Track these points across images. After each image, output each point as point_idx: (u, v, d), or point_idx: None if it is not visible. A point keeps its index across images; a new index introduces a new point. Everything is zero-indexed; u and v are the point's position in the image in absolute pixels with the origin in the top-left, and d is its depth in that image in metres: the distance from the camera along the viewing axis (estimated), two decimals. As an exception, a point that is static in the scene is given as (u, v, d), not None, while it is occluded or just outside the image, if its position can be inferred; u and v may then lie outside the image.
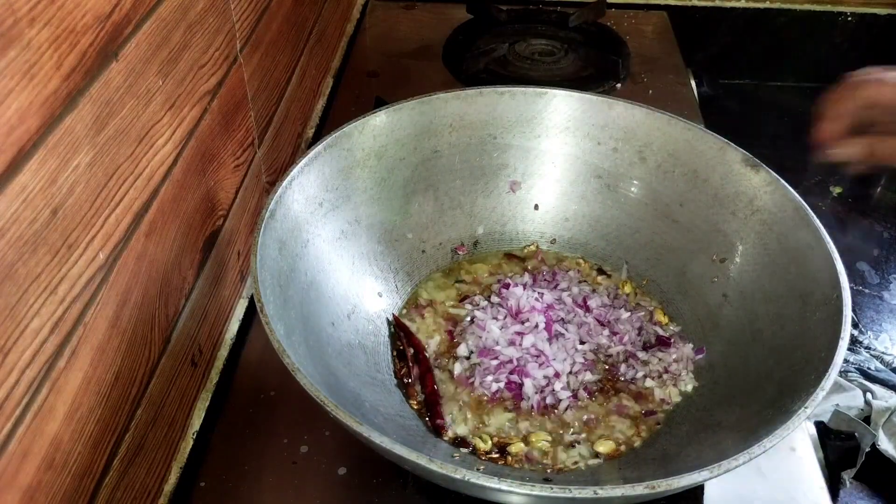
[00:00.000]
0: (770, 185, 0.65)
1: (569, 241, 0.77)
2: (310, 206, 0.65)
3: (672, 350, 0.66)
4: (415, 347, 0.67)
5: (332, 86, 1.07)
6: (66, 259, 0.42)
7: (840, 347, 0.52)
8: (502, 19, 1.19)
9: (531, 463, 0.59)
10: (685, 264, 0.70)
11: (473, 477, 0.44)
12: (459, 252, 0.76)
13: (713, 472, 0.45)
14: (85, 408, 0.46)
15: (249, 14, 0.71)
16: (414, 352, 0.66)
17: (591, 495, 0.43)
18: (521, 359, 0.64)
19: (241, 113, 0.71)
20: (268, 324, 0.51)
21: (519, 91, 0.74)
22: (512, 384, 0.63)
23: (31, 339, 0.39)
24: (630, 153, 0.74)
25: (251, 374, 0.69)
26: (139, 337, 0.53)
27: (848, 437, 0.70)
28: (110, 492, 0.50)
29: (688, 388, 0.64)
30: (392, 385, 0.64)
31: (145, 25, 0.50)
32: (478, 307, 0.70)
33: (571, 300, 0.70)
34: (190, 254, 0.61)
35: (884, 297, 0.96)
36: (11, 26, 0.36)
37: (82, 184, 0.43)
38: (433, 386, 0.64)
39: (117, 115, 0.47)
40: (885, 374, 0.86)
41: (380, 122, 0.71)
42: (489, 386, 0.63)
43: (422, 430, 0.61)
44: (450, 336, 0.69)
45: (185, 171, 0.59)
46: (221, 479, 0.61)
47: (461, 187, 0.76)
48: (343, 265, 0.69)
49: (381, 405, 0.61)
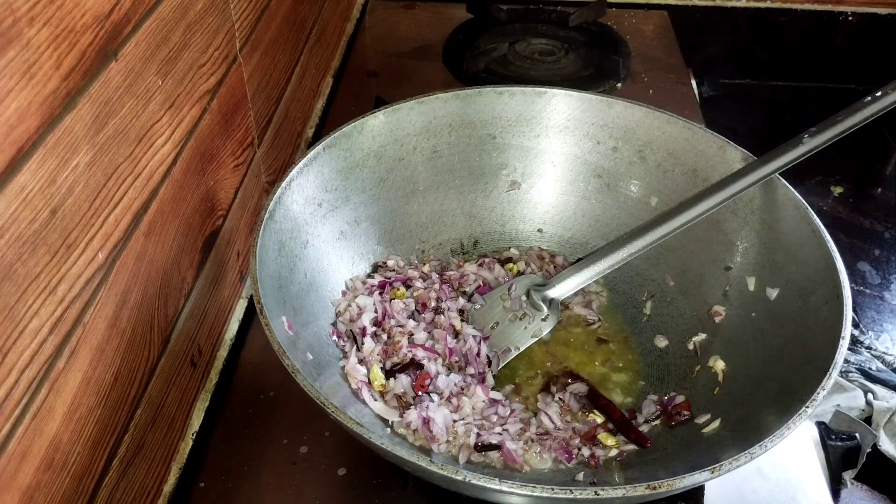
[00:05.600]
0: (770, 184, 0.65)
1: (568, 240, 0.77)
2: (309, 206, 0.65)
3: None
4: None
5: (331, 85, 1.07)
6: (65, 259, 0.42)
7: (841, 347, 0.52)
8: (502, 19, 1.19)
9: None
10: (685, 264, 0.70)
11: (474, 478, 0.44)
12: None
13: (714, 472, 0.45)
14: (84, 408, 0.46)
15: (249, 14, 0.71)
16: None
17: (592, 496, 0.43)
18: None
19: (240, 113, 0.71)
20: (267, 325, 0.51)
21: (518, 91, 0.74)
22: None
23: (31, 339, 0.39)
24: (630, 152, 0.74)
25: (251, 375, 0.69)
26: (138, 337, 0.52)
27: (849, 437, 0.70)
28: (109, 492, 0.50)
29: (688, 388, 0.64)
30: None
31: (145, 25, 0.50)
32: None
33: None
34: (189, 254, 0.61)
35: (885, 298, 0.96)
36: (11, 26, 0.36)
37: (81, 184, 0.43)
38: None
39: (116, 115, 0.47)
40: (886, 374, 0.86)
41: (379, 122, 0.71)
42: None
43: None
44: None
45: (185, 170, 0.58)
46: (221, 480, 0.60)
47: (461, 187, 0.76)
48: (343, 266, 0.69)
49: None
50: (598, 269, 0.66)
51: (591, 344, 0.69)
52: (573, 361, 0.67)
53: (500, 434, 0.58)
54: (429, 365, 0.62)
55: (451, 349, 0.64)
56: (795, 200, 0.63)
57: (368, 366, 0.61)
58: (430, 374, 0.61)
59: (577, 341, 0.69)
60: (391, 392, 0.60)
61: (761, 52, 1.33)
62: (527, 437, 0.59)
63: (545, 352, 0.68)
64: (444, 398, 0.60)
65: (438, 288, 0.69)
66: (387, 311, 0.66)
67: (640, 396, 0.65)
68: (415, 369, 0.62)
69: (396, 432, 0.58)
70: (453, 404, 0.60)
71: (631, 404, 0.64)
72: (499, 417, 0.61)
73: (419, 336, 0.64)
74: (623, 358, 0.68)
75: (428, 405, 0.59)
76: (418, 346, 0.63)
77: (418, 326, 0.66)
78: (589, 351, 0.69)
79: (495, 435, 0.58)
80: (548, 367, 0.67)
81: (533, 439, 0.59)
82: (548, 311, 0.67)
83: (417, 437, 0.58)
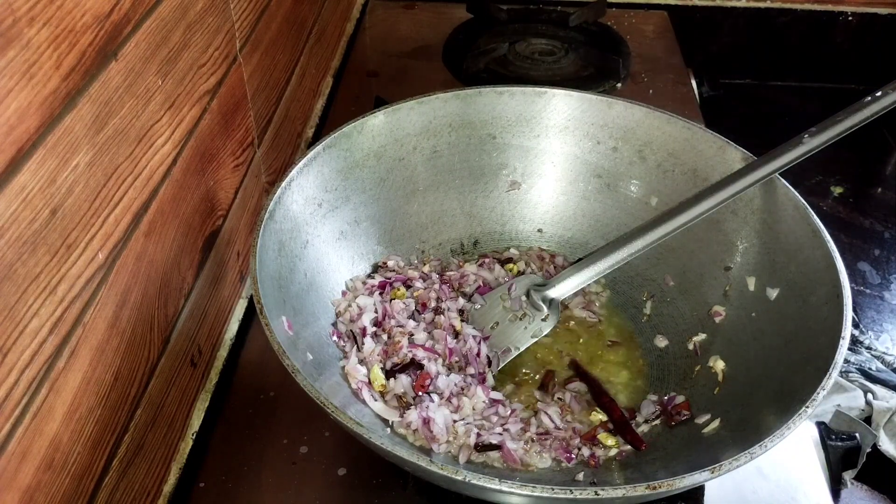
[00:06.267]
0: (770, 184, 0.65)
1: (568, 240, 0.77)
2: (309, 206, 0.65)
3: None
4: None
5: (331, 85, 1.07)
6: (65, 259, 0.42)
7: (841, 347, 0.52)
8: (502, 19, 1.19)
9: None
10: (685, 264, 0.70)
11: (474, 478, 0.44)
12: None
13: (714, 472, 0.45)
14: (84, 408, 0.46)
15: (249, 14, 0.71)
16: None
17: (592, 496, 0.43)
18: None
19: (240, 113, 0.71)
20: (267, 325, 0.51)
21: (518, 90, 0.74)
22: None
23: (31, 339, 0.39)
24: (630, 152, 0.74)
25: (251, 375, 0.69)
26: (138, 337, 0.52)
27: (849, 437, 0.70)
28: (109, 492, 0.50)
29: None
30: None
31: (144, 25, 0.50)
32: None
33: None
34: (189, 254, 0.61)
35: (885, 298, 0.96)
36: (11, 26, 0.36)
37: (81, 184, 0.43)
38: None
39: (116, 115, 0.47)
40: (886, 374, 0.86)
41: (379, 122, 0.71)
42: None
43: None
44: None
45: (185, 170, 0.58)
46: (221, 480, 0.60)
47: (461, 187, 0.76)
48: (343, 266, 0.69)
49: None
50: (598, 269, 0.66)
51: (590, 344, 0.69)
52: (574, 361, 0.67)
53: (500, 434, 0.58)
54: (429, 365, 0.62)
55: (451, 349, 0.64)
56: (795, 200, 0.63)
57: (369, 366, 0.61)
58: (431, 374, 0.61)
59: (577, 341, 0.69)
60: (391, 392, 0.60)
61: (761, 52, 1.33)
62: (527, 436, 0.59)
63: (546, 351, 0.68)
64: (444, 398, 0.60)
65: (438, 288, 0.69)
66: (387, 311, 0.66)
67: (640, 396, 0.65)
68: (415, 369, 0.62)
69: (396, 432, 0.58)
70: (453, 404, 0.60)
71: (631, 404, 0.64)
72: (499, 417, 0.61)
73: (419, 336, 0.64)
74: (623, 358, 0.68)
75: (428, 405, 0.59)
76: (418, 347, 0.63)
77: (418, 327, 0.66)
78: (589, 351, 0.69)
79: (495, 435, 0.58)
80: (548, 367, 0.67)
81: (533, 439, 0.59)
82: (548, 311, 0.67)
83: (417, 437, 0.58)
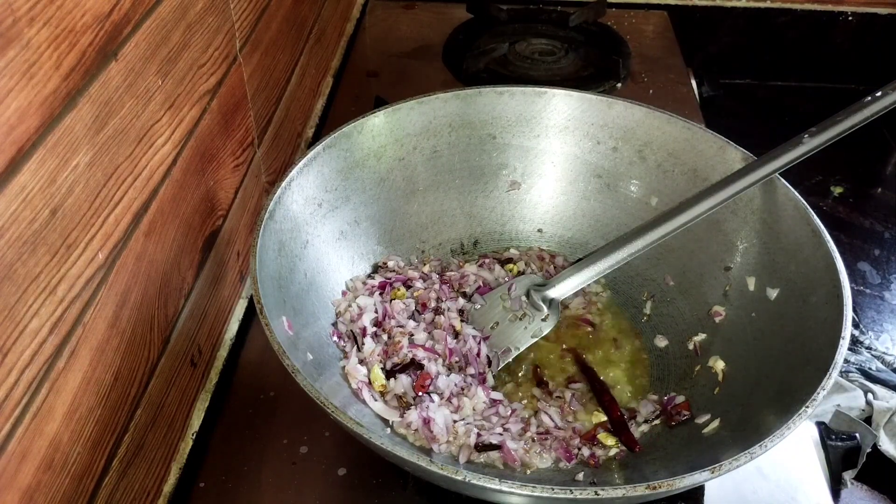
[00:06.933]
0: (770, 184, 0.65)
1: (568, 240, 0.77)
2: (309, 206, 0.65)
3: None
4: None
5: (331, 85, 1.07)
6: (65, 259, 0.42)
7: (841, 347, 0.52)
8: (502, 19, 1.19)
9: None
10: (685, 264, 0.70)
11: (474, 478, 0.44)
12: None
13: (714, 472, 0.45)
14: (84, 408, 0.46)
15: (249, 13, 0.71)
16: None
17: (592, 496, 0.43)
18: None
19: (240, 113, 0.71)
20: (267, 325, 0.51)
21: (518, 91, 0.74)
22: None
23: (31, 339, 0.39)
24: (630, 152, 0.74)
25: (251, 375, 0.69)
26: (138, 337, 0.52)
27: (849, 437, 0.70)
28: (109, 492, 0.50)
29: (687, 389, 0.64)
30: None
31: (144, 25, 0.50)
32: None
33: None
34: (189, 254, 0.61)
35: (885, 298, 0.96)
36: (11, 26, 0.36)
37: (81, 184, 0.43)
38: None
39: (116, 115, 0.47)
40: (886, 374, 0.86)
41: (379, 122, 0.71)
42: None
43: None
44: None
45: (185, 170, 0.58)
46: (221, 480, 0.60)
47: (461, 187, 0.76)
48: (343, 266, 0.69)
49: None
50: (598, 269, 0.66)
51: (590, 344, 0.69)
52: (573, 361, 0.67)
53: (500, 434, 0.58)
54: (429, 365, 0.62)
55: (452, 349, 0.64)
56: (795, 200, 0.63)
57: (369, 366, 0.61)
58: (431, 374, 0.61)
59: (577, 341, 0.69)
60: (391, 392, 0.60)
61: (761, 52, 1.33)
62: (527, 436, 0.59)
63: (546, 351, 0.68)
64: (444, 398, 0.60)
65: (438, 288, 0.69)
66: (387, 311, 0.66)
67: (639, 396, 0.65)
68: (415, 369, 0.62)
69: (397, 432, 0.58)
70: (454, 404, 0.60)
71: (631, 404, 0.64)
72: (499, 417, 0.61)
73: (419, 336, 0.64)
74: (623, 358, 0.68)
75: (428, 405, 0.59)
76: (418, 347, 0.63)
77: (418, 327, 0.66)
78: (589, 351, 0.68)
79: (496, 435, 0.58)
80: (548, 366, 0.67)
81: (533, 439, 0.59)
82: (548, 311, 0.67)
83: (417, 437, 0.58)
